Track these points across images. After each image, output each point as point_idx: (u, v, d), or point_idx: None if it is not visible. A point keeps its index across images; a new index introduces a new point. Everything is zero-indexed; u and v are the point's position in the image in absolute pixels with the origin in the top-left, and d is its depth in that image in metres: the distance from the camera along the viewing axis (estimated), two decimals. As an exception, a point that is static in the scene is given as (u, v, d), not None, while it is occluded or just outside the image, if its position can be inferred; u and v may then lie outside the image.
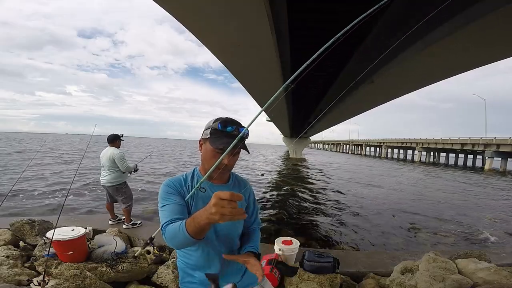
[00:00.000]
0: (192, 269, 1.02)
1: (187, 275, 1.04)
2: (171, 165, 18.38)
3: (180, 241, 0.81)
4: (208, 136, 0.94)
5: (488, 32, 3.99)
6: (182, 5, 3.87)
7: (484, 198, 10.94)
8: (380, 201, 9.19)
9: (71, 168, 13.32)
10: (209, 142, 0.93)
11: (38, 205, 6.42)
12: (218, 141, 0.91)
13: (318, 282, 2.30)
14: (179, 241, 0.82)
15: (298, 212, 7.00)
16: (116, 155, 3.60)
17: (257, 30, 4.20)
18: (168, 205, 0.92)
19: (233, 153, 0.87)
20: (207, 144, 0.94)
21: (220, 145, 0.89)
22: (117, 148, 3.74)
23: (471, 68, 6.02)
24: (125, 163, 3.66)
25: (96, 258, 2.35)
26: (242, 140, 0.88)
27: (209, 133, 0.94)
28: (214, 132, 0.94)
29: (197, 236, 0.77)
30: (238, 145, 0.80)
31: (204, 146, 0.98)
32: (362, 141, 74.26)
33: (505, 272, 2.20)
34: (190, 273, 1.03)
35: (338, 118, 18.26)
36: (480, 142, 33.68)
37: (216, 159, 0.84)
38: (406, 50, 5.03)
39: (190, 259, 1.02)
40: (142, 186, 9.39)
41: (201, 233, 0.77)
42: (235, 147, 0.78)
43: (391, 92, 9.11)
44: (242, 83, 8.57)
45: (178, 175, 1.05)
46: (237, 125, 0.94)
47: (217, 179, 0.99)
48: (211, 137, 0.93)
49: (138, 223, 3.72)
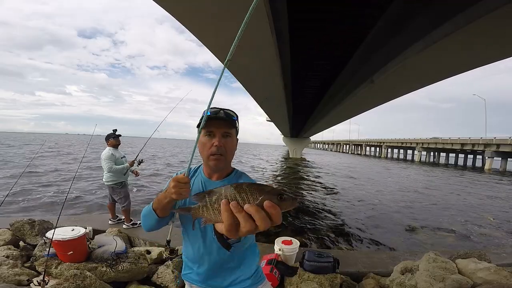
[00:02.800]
0: (192, 262, 1.07)
1: (188, 267, 1.09)
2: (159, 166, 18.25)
3: (149, 219, 0.95)
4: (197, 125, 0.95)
5: (488, 32, 3.99)
6: (182, 5, 3.88)
7: (484, 198, 10.94)
8: (380, 201, 9.19)
9: (71, 168, 13.32)
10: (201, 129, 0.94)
11: (38, 205, 6.42)
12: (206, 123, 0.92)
13: (318, 282, 2.30)
14: (148, 220, 0.95)
15: (298, 212, 7.00)
16: (103, 155, 3.59)
17: (257, 30, 4.20)
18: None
19: (223, 134, 0.95)
20: (201, 136, 0.96)
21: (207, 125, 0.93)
22: (113, 146, 3.71)
23: (471, 68, 6.03)
24: (109, 164, 3.54)
25: (96, 258, 2.35)
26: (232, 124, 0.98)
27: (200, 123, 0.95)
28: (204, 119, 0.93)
29: (160, 214, 0.91)
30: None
31: (200, 140, 0.98)
32: (362, 141, 74.28)
33: (505, 272, 2.20)
34: (190, 265, 1.08)
35: (338, 118, 18.26)
36: (480, 142, 33.69)
37: (208, 145, 0.94)
38: (406, 50, 5.04)
39: (187, 253, 1.08)
40: (144, 185, 9.40)
41: (162, 211, 0.91)
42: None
43: (391, 92, 9.11)
44: (242, 83, 8.58)
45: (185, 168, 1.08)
46: (223, 109, 0.98)
47: (216, 172, 1.02)
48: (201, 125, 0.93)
49: (138, 223, 3.71)
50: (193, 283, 1.06)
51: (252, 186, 0.47)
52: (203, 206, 0.52)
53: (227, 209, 0.44)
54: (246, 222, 0.43)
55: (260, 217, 0.43)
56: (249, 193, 0.46)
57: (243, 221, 0.43)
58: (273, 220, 0.44)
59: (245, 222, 0.43)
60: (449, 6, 3.82)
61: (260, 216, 0.43)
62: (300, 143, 36.04)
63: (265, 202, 0.43)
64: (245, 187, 0.46)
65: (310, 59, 7.80)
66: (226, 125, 0.97)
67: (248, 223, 0.43)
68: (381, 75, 6.44)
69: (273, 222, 0.44)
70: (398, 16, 4.85)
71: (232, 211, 0.44)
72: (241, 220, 0.44)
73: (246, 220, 0.43)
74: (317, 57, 7.73)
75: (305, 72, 9.20)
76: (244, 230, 0.44)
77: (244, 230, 0.44)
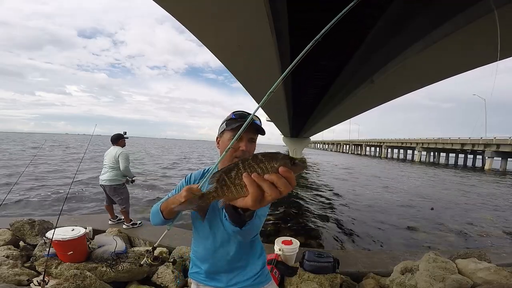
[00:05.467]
0: (200, 261, 1.08)
1: (195, 266, 1.11)
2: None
3: (155, 217, 0.99)
4: (224, 128, 1.02)
5: (488, 32, 3.98)
6: (182, 5, 3.87)
7: (484, 198, 10.93)
8: (380, 201, 9.19)
9: (72, 168, 13.31)
10: (225, 129, 1.01)
11: (38, 205, 6.42)
12: (233, 124, 0.98)
13: (318, 282, 2.30)
14: (155, 218, 0.99)
15: (298, 212, 7.00)
16: (122, 153, 3.61)
17: (257, 30, 4.19)
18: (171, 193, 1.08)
19: (250, 139, 0.98)
20: (224, 136, 1.02)
21: (234, 125, 0.97)
22: (122, 147, 3.75)
23: (471, 68, 6.02)
24: (128, 163, 3.66)
25: (96, 258, 2.35)
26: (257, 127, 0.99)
27: (225, 124, 1.02)
28: (229, 121, 1.02)
29: (166, 216, 0.94)
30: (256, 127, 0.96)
31: (221, 140, 1.04)
32: (362, 141, 74.26)
33: (505, 272, 2.20)
34: (198, 264, 1.09)
35: (338, 118, 18.24)
36: (480, 142, 33.69)
37: (234, 147, 0.95)
38: (406, 50, 5.04)
39: (196, 252, 1.09)
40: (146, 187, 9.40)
41: (169, 214, 0.94)
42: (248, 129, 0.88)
43: (391, 92, 9.10)
44: (242, 83, 8.57)
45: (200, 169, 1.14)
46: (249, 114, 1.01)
47: None
48: (227, 126, 1.01)
49: (138, 223, 3.72)
50: (200, 281, 1.08)
51: (266, 155, 0.49)
52: (222, 186, 0.52)
53: (252, 181, 0.46)
54: (271, 190, 0.46)
55: (282, 183, 0.45)
56: (266, 162, 0.48)
57: (268, 189, 0.46)
58: (291, 184, 0.46)
59: (270, 190, 0.46)
60: (449, 6, 3.82)
61: (282, 182, 0.45)
62: (300, 143, 36.00)
63: (280, 168, 0.46)
64: (260, 157, 0.49)
65: (310, 59, 7.80)
66: (253, 131, 1.00)
67: (273, 190, 0.46)
68: (381, 75, 6.44)
69: (291, 185, 0.46)
70: (398, 16, 4.85)
71: (256, 182, 0.46)
72: (266, 189, 0.46)
73: (270, 188, 0.46)
74: (317, 57, 7.73)
75: (305, 72, 9.20)
76: (269, 198, 0.46)
77: (269, 198, 0.46)
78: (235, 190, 0.50)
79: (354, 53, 7.06)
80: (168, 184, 10.28)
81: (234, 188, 0.50)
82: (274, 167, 0.47)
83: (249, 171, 0.48)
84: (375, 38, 5.91)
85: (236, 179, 0.50)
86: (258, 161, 0.48)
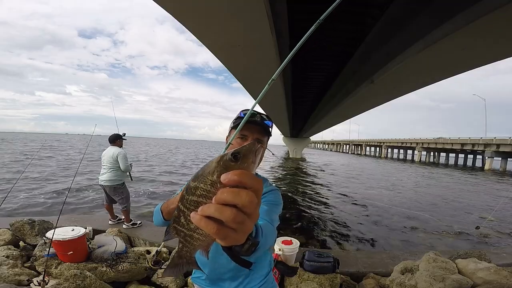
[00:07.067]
0: (202, 266, 1.04)
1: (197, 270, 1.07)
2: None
3: (157, 217, 0.93)
4: (232, 126, 0.99)
5: (488, 32, 3.99)
6: (182, 5, 3.88)
7: (484, 198, 10.94)
8: (380, 201, 9.18)
9: (72, 168, 13.31)
10: (232, 128, 0.98)
11: (38, 205, 6.42)
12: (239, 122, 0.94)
13: (318, 282, 2.30)
14: (157, 218, 0.94)
15: (298, 212, 7.00)
16: (120, 154, 3.63)
17: (257, 30, 4.20)
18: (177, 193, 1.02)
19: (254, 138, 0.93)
20: (231, 135, 0.98)
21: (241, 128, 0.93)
22: (119, 147, 3.77)
23: (471, 68, 6.03)
24: (127, 162, 3.70)
25: (96, 258, 2.35)
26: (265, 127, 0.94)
27: (232, 123, 1.00)
28: (237, 119, 0.98)
29: (166, 217, 0.89)
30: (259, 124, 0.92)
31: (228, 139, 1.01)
32: (362, 141, 74.24)
33: (505, 272, 2.20)
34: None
35: (338, 118, 18.25)
36: (480, 142, 33.67)
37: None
38: (406, 50, 5.04)
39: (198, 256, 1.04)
40: (148, 187, 9.40)
41: (168, 215, 0.89)
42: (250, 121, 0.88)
43: (391, 92, 9.11)
44: (242, 83, 8.58)
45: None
46: (259, 113, 0.98)
47: None
48: (234, 125, 0.97)
49: (138, 223, 3.72)
50: (202, 287, 1.05)
51: (196, 176, 0.36)
52: (185, 238, 0.40)
53: (198, 220, 0.31)
54: (226, 214, 0.30)
55: (233, 195, 0.30)
56: (201, 183, 0.34)
57: (223, 215, 0.30)
58: (250, 186, 0.31)
59: (226, 215, 0.30)
60: (449, 6, 3.82)
61: (231, 195, 0.30)
62: (300, 143, 36.04)
63: (221, 176, 0.31)
64: (192, 183, 0.36)
65: (310, 59, 7.81)
66: (260, 131, 0.93)
67: (226, 212, 0.30)
68: (381, 75, 6.45)
69: (254, 188, 0.31)
70: (398, 16, 4.85)
71: (202, 215, 0.31)
72: (220, 217, 0.30)
73: (222, 212, 0.30)
74: (318, 57, 7.74)
75: (306, 72, 9.21)
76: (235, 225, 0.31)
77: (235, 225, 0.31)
78: (202, 235, 0.38)
79: (354, 53, 7.06)
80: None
81: (197, 234, 0.38)
82: (213, 182, 0.33)
83: (193, 208, 0.35)
84: (375, 38, 5.91)
85: (190, 224, 0.37)
86: (193, 189, 0.35)
